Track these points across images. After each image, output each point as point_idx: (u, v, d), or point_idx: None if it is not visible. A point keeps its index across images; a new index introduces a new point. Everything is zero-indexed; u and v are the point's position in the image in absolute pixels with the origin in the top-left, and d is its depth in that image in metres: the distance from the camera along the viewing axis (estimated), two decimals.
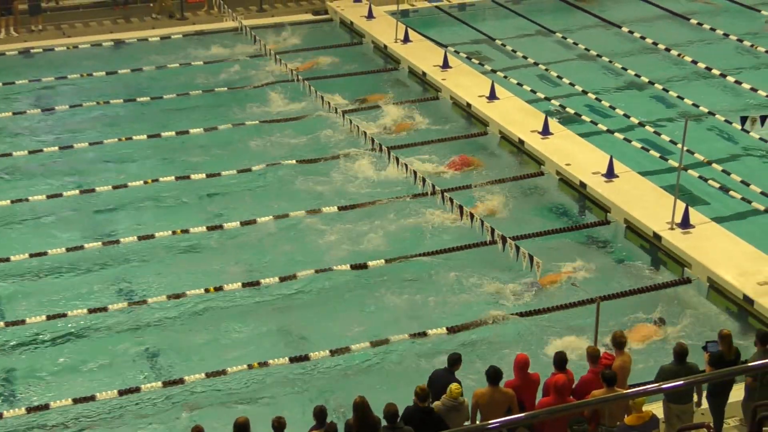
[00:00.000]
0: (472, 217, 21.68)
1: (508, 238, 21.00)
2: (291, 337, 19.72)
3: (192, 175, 24.89)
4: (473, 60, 31.23)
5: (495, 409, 14.45)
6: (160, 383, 18.14)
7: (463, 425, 14.44)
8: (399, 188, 24.23)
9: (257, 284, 20.87)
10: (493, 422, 10.90)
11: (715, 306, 20.07)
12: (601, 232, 22.74)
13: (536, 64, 30.98)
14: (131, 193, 24.28)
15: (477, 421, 14.75)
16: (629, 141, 26.00)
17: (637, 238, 22.08)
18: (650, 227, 21.77)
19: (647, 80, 29.52)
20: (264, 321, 20.16)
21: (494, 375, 14.79)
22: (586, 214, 23.53)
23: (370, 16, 33.84)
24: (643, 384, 15.09)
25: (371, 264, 21.41)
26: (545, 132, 25.75)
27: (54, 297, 20.77)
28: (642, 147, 25.68)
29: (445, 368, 15.53)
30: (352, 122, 26.16)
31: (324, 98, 27.72)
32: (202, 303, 20.46)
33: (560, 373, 14.98)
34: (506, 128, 26.34)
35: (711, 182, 23.95)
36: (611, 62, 30.98)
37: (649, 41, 32.36)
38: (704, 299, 20.31)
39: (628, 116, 27.32)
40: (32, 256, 21.70)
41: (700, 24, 33.53)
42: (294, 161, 25.54)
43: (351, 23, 34.04)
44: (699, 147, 25.08)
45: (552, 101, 28.42)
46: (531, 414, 14.12)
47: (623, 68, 30.46)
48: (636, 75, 29.91)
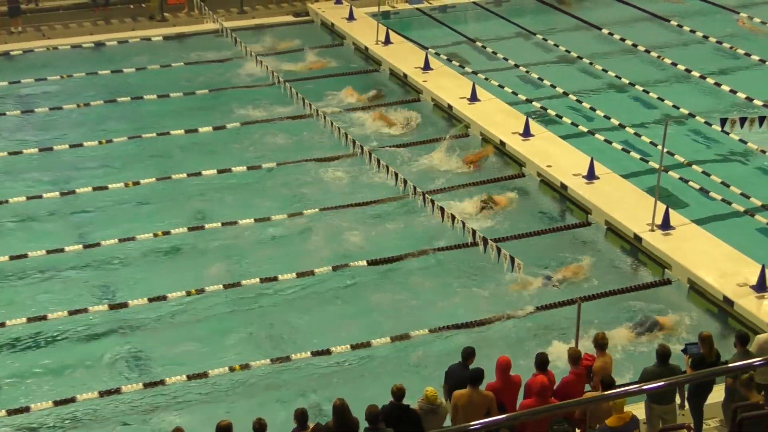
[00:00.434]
0: (453, 219, 21.70)
1: (490, 240, 21.04)
2: (273, 339, 19.69)
3: (173, 176, 24.84)
4: (454, 62, 31.28)
5: (474, 411, 14.44)
6: (141, 385, 18.11)
7: (442, 427, 14.47)
8: (382, 190, 24.23)
9: (238, 285, 20.85)
10: (474, 424, 10.88)
11: (696, 307, 20.13)
12: (582, 234, 22.80)
13: (517, 66, 31.04)
14: (112, 195, 24.21)
15: (457, 423, 14.74)
16: (610, 143, 26.08)
17: (618, 240, 22.14)
18: (631, 229, 21.84)
19: (627, 82, 29.62)
20: (245, 323, 20.13)
21: (473, 377, 14.80)
22: (567, 216, 23.59)
23: (351, 18, 33.85)
24: (624, 385, 15.15)
25: (353, 265, 21.42)
26: (526, 134, 25.81)
27: (34, 299, 20.69)
28: (623, 149, 25.78)
29: (460, 362, 15.49)
30: (334, 124, 26.14)
31: (306, 100, 27.68)
32: (184, 305, 20.43)
33: (541, 375, 14.99)
34: (487, 130, 26.39)
35: (691, 184, 24.04)
36: (592, 64, 31.08)
37: (629, 43, 32.49)
38: (685, 300, 20.37)
39: (609, 118, 27.41)
40: (12, 259, 21.63)
41: (680, 26, 33.69)
42: (275, 163, 25.51)
43: (332, 25, 34.03)
44: (679, 149, 25.22)
45: (533, 103, 28.49)
46: (512, 415, 14.10)
47: (604, 70, 30.55)
48: (616, 77, 30.00)
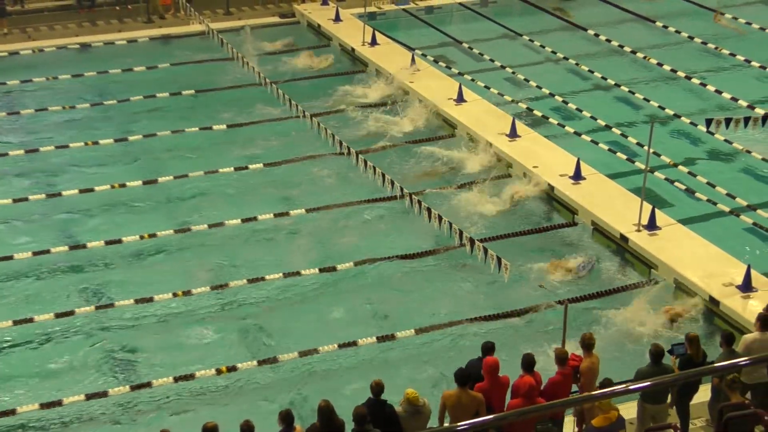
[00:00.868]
0: (441, 220, 21.71)
1: (477, 241, 21.05)
2: (260, 340, 19.67)
3: (159, 179, 24.81)
4: (440, 63, 31.29)
5: (462, 412, 14.42)
6: (128, 387, 18.07)
7: (427, 428, 14.47)
8: (367, 191, 24.22)
9: (225, 287, 20.82)
10: (462, 424, 10.90)
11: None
12: (569, 234, 22.83)
13: (503, 67, 31.06)
14: (98, 197, 24.14)
15: (445, 423, 14.74)
16: (596, 143, 26.14)
17: (604, 240, 22.18)
18: (617, 229, 21.89)
19: (613, 83, 29.69)
20: (232, 324, 20.10)
21: (462, 377, 14.79)
22: (554, 216, 23.62)
23: (338, 19, 33.84)
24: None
25: (340, 267, 21.42)
26: (513, 134, 25.84)
27: (20, 302, 20.62)
28: (609, 149, 25.83)
29: (479, 357, 15.46)
30: (321, 125, 26.11)
31: (292, 101, 27.65)
32: (170, 307, 20.38)
33: (528, 375, 14.99)
34: (474, 131, 26.42)
35: (677, 184, 24.12)
36: (578, 65, 31.13)
37: (615, 44, 32.55)
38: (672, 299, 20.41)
39: (595, 119, 27.47)
40: None
41: (666, 27, 33.77)
42: (262, 164, 25.48)
43: (318, 26, 34.01)
44: (665, 149, 25.30)
45: (519, 104, 28.52)
46: (499, 416, 14.10)
47: (590, 71, 30.62)
48: (602, 78, 30.07)
